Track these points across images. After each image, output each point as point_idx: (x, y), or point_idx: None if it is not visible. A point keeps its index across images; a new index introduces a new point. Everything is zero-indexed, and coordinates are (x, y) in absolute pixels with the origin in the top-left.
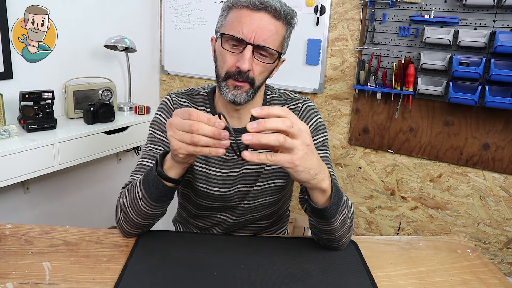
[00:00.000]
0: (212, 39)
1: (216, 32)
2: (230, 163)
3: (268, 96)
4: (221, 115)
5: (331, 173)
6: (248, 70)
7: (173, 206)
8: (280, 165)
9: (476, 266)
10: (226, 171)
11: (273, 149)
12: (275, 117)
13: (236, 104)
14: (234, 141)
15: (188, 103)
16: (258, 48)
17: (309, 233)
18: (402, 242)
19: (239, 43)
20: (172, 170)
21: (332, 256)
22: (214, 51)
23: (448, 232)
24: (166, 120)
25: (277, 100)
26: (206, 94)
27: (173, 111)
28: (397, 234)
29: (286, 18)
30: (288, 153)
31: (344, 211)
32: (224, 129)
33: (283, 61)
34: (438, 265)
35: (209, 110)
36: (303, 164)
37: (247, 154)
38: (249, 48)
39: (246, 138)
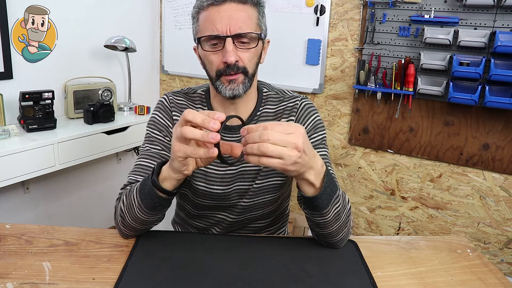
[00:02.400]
0: (194, 49)
1: (195, 40)
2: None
3: (264, 94)
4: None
5: (330, 170)
6: (236, 61)
7: (172, 207)
8: (272, 168)
9: (476, 266)
10: (224, 168)
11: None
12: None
13: (236, 98)
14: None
15: (185, 101)
16: (237, 38)
17: (309, 233)
18: (402, 242)
19: (218, 40)
20: (167, 181)
21: (332, 256)
22: (200, 58)
23: (448, 232)
24: (163, 120)
25: (273, 98)
26: (203, 93)
27: (170, 110)
28: (397, 234)
29: (253, 0)
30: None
31: (338, 205)
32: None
33: (268, 42)
34: (438, 265)
35: (206, 108)
36: (296, 169)
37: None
38: (229, 41)
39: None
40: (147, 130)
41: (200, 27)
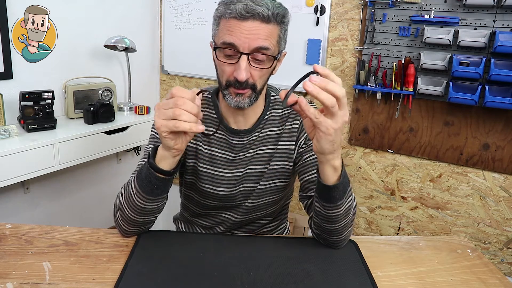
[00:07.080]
0: (211, 44)
1: (212, 38)
2: (235, 163)
3: (272, 98)
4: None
5: None
6: (247, 78)
7: (175, 205)
8: (319, 126)
9: (476, 266)
10: (231, 171)
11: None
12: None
13: (240, 109)
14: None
15: None
16: (253, 55)
17: (309, 233)
18: (402, 242)
19: (233, 53)
20: (163, 161)
21: (332, 256)
22: (214, 60)
23: (448, 232)
24: None
25: (280, 102)
26: (210, 96)
27: None
28: (397, 234)
29: (277, 19)
30: (330, 119)
31: (350, 199)
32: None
33: (285, 54)
34: (438, 265)
35: (213, 111)
36: (335, 135)
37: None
38: (243, 58)
39: (308, 85)
40: (151, 130)
41: (219, 35)
